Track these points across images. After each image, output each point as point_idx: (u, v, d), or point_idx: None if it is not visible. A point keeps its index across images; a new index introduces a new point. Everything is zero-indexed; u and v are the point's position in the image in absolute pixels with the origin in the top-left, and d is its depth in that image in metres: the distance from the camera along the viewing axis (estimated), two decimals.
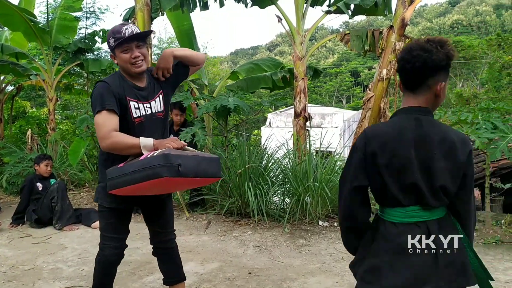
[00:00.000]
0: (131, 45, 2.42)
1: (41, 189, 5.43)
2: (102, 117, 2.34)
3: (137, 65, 2.45)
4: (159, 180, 2.11)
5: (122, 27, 2.41)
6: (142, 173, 2.14)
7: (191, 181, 2.30)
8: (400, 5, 5.78)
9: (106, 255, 2.62)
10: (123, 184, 2.22)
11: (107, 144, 2.31)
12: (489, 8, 79.56)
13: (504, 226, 4.78)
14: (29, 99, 14.71)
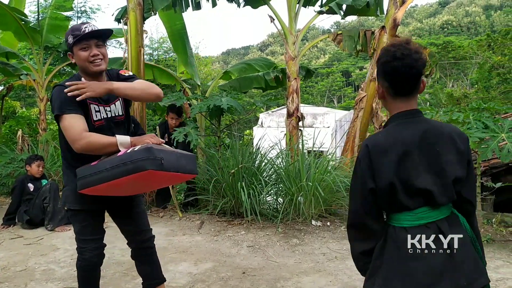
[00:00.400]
0: (90, 43, 2.35)
1: (32, 189, 5.38)
2: (68, 120, 2.28)
3: (95, 63, 2.37)
4: (140, 174, 2.07)
5: (82, 25, 2.36)
6: (122, 168, 2.09)
7: (170, 177, 2.27)
8: (392, 6, 5.83)
9: (86, 259, 2.57)
10: (97, 182, 2.17)
11: (82, 145, 2.23)
12: (479, 9, 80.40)
13: (495, 224, 4.83)
14: (18, 99, 14.58)
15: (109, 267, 3.91)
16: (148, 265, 2.80)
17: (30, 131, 11.02)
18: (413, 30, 74.50)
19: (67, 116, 2.28)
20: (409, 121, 1.64)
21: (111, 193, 2.38)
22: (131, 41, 6.21)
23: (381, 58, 1.65)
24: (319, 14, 6.86)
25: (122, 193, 2.46)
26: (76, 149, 2.26)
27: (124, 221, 2.73)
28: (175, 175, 2.26)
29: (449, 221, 1.61)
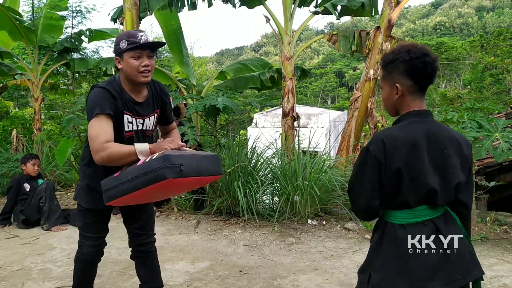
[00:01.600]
0: (143, 52, 2.32)
1: (28, 189, 5.36)
2: (98, 125, 2.24)
3: (144, 74, 2.33)
4: (162, 183, 2.05)
5: (138, 33, 2.32)
6: (141, 178, 2.07)
7: (193, 181, 2.24)
8: (386, 6, 5.86)
9: (84, 253, 2.64)
10: (122, 193, 2.16)
11: (102, 157, 2.20)
12: (471, 10, 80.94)
13: (489, 223, 4.88)
14: (12, 99, 14.50)
15: (106, 266, 3.91)
16: (144, 269, 2.79)
17: (24, 131, 10.96)
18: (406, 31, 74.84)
19: (102, 120, 2.25)
20: (422, 120, 1.67)
21: (136, 202, 2.39)
22: None
23: (402, 57, 1.66)
24: (314, 14, 6.89)
25: (148, 200, 2.47)
26: (96, 160, 2.23)
27: (131, 220, 2.74)
28: (198, 179, 2.22)
29: (444, 218, 1.65)
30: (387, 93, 1.77)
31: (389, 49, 1.77)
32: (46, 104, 13.19)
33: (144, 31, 2.37)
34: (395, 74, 1.70)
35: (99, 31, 8.92)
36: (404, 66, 1.66)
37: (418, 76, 1.67)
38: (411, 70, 1.66)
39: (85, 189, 2.53)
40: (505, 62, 16.38)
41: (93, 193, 2.49)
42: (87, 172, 2.53)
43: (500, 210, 5.28)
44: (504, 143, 4.41)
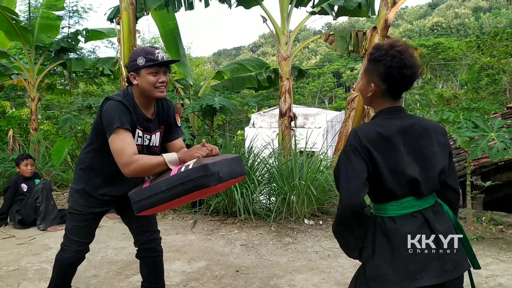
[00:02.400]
0: (160, 69, 2.38)
1: (25, 189, 5.35)
2: (121, 139, 2.26)
3: (160, 90, 2.39)
4: (202, 191, 2.10)
5: (155, 50, 2.39)
6: (180, 187, 2.09)
7: (225, 185, 2.26)
8: (383, 6, 5.88)
9: (66, 258, 2.65)
10: (157, 203, 2.17)
11: (132, 170, 2.22)
12: (468, 11, 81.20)
13: (484, 223, 4.89)
14: (8, 99, 14.46)
15: (102, 266, 3.91)
16: (149, 269, 2.81)
17: (21, 131, 10.93)
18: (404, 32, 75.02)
19: (123, 134, 2.27)
20: (395, 115, 1.72)
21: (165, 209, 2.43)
22: (123, 40, 6.22)
23: (385, 61, 1.67)
24: (311, 14, 6.90)
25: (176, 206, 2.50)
26: (126, 174, 2.24)
27: (131, 220, 2.74)
28: (230, 182, 2.27)
29: (433, 209, 1.69)
30: (363, 86, 1.81)
31: (381, 44, 1.72)
32: (43, 104, 13.16)
33: (159, 48, 2.46)
34: (374, 74, 1.72)
35: (96, 31, 8.92)
36: (384, 70, 1.68)
37: (393, 84, 1.70)
38: (388, 77, 1.68)
39: (81, 193, 2.55)
40: (501, 62, 16.44)
41: (89, 198, 2.53)
42: (84, 177, 2.55)
43: (495, 210, 5.30)
44: (500, 143, 4.43)
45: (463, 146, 4.66)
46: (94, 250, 4.36)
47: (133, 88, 2.45)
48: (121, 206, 2.71)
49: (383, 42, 1.74)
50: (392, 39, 1.78)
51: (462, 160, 6.83)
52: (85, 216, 2.58)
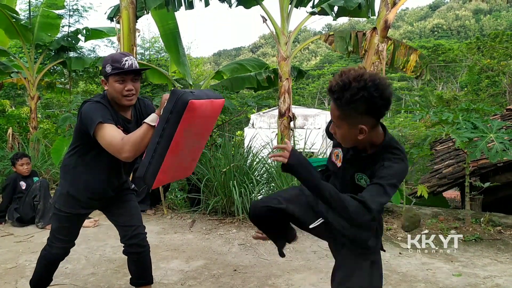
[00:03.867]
0: (127, 77, 2.38)
1: (24, 187, 5.34)
2: (108, 132, 2.25)
3: (128, 98, 2.40)
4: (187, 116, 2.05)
5: (123, 57, 2.37)
6: (168, 124, 2.08)
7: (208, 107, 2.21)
8: (383, 7, 5.88)
9: (52, 253, 2.75)
10: (161, 157, 2.14)
11: (127, 151, 2.20)
12: (469, 13, 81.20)
13: (483, 224, 4.90)
14: (8, 97, 14.46)
15: (100, 264, 3.91)
16: (136, 265, 2.82)
17: (20, 130, 10.94)
18: (404, 33, 75.06)
19: (108, 127, 2.26)
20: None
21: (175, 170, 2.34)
22: (123, 39, 6.22)
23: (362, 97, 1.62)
24: (311, 15, 6.90)
25: (183, 164, 2.40)
26: (125, 158, 2.23)
27: (114, 216, 2.78)
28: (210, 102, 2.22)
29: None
30: (345, 133, 1.77)
31: (344, 84, 1.64)
32: (43, 102, 13.18)
33: (130, 55, 2.42)
34: (356, 115, 1.68)
35: (96, 30, 8.93)
36: (366, 106, 1.65)
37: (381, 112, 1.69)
38: (373, 108, 1.66)
39: (66, 196, 2.58)
40: (501, 64, 16.44)
41: (74, 200, 2.57)
42: (69, 180, 2.58)
43: (494, 211, 5.30)
44: (499, 144, 4.43)
45: (462, 147, 4.66)
46: (93, 248, 4.36)
47: (107, 93, 2.47)
48: (105, 205, 2.75)
49: (339, 80, 1.67)
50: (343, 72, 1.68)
51: (461, 161, 6.83)
52: (70, 217, 2.63)
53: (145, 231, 2.83)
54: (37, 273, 2.85)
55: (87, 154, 2.50)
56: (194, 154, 2.50)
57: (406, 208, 5.11)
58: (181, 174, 2.52)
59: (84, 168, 2.53)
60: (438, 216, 5.24)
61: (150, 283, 2.88)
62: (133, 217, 2.76)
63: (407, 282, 3.49)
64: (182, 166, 2.41)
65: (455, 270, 3.73)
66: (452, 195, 11.75)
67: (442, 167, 7.34)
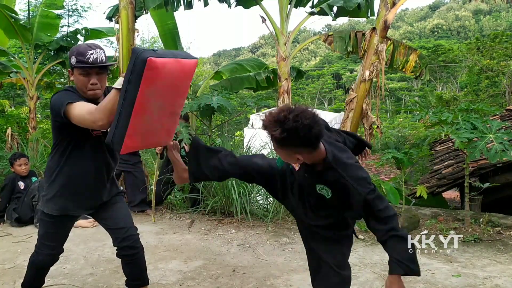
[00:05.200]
0: (91, 70, 2.36)
1: (22, 187, 5.34)
2: (77, 108, 2.22)
3: (92, 92, 2.39)
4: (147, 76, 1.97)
5: (88, 51, 2.34)
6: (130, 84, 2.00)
7: (174, 66, 2.10)
8: (382, 7, 5.87)
9: (40, 259, 2.74)
10: (127, 118, 2.05)
11: (100, 118, 2.14)
12: (468, 13, 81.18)
13: (482, 224, 4.89)
14: (8, 98, 14.44)
15: (99, 264, 3.91)
16: (130, 268, 2.78)
17: (19, 130, 10.92)
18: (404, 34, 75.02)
19: (76, 104, 2.24)
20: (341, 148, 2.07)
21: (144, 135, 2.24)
22: (122, 39, 6.21)
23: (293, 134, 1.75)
24: (310, 15, 6.89)
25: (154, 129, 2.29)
26: (100, 126, 2.18)
27: (105, 220, 2.75)
28: (177, 62, 2.11)
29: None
30: (285, 157, 1.97)
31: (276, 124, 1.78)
32: (42, 103, 13.14)
33: (97, 48, 2.38)
34: (292, 147, 1.84)
35: (95, 30, 8.92)
36: (300, 141, 1.79)
37: (313, 144, 1.84)
38: (307, 143, 1.81)
39: (54, 198, 2.54)
40: (500, 64, 16.43)
41: (64, 200, 2.54)
42: (56, 181, 2.54)
43: (494, 212, 5.29)
44: (498, 145, 4.42)
45: (461, 147, 4.65)
46: (91, 249, 4.36)
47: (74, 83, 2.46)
48: (92, 208, 2.71)
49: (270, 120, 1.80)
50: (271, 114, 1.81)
51: (460, 161, 6.82)
52: (56, 222, 2.61)
53: (137, 232, 2.79)
54: (28, 277, 2.86)
55: (68, 151, 2.47)
56: (168, 120, 2.36)
57: (405, 208, 5.11)
58: (153, 141, 2.39)
59: (69, 166, 2.50)
60: (438, 216, 5.23)
61: (146, 284, 2.85)
62: (123, 219, 2.72)
63: (406, 283, 3.45)
64: (153, 132, 2.29)
65: (454, 271, 3.72)
66: (452, 196, 11.73)
67: (441, 167, 7.33)
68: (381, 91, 6.07)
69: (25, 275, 2.86)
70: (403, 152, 5.09)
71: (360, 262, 3.92)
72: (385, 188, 4.98)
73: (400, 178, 5.25)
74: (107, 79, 2.53)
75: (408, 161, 5.04)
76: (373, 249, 4.32)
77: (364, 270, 3.75)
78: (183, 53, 2.24)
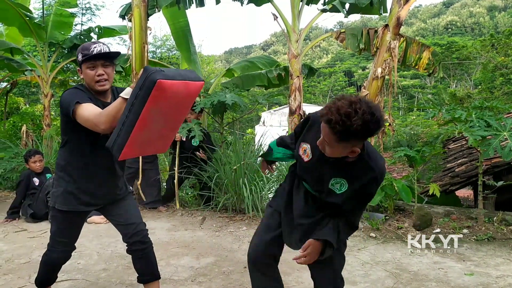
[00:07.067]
0: (97, 62, 2.45)
1: (37, 184, 5.43)
2: (84, 109, 2.30)
3: (100, 84, 2.47)
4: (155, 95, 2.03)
5: (92, 45, 2.46)
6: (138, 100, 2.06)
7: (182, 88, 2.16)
8: (395, 4, 5.82)
9: (53, 258, 2.77)
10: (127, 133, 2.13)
11: (103, 122, 2.21)
12: (483, 9, 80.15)
13: (496, 223, 4.84)
14: (22, 95, 14.64)
15: (112, 260, 3.95)
16: (141, 263, 2.83)
17: (34, 127, 11.08)
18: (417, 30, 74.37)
19: (84, 105, 2.32)
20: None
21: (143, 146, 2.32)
22: (135, 37, 6.25)
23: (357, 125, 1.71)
24: (322, 12, 6.87)
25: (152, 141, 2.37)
26: (102, 130, 2.25)
27: (114, 216, 2.78)
28: (184, 84, 2.17)
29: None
30: (337, 151, 1.89)
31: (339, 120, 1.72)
32: (56, 100, 13.31)
33: (100, 43, 2.50)
34: (353, 141, 1.81)
35: (108, 28, 8.99)
36: (363, 133, 1.76)
37: (372, 135, 1.81)
38: (369, 134, 1.78)
39: (64, 194, 2.58)
40: None
41: (73, 196, 2.58)
42: (65, 178, 2.59)
43: (508, 210, 5.23)
44: None
45: (475, 145, 4.60)
46: (105, 244, 4.41)
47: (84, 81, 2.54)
48: (103, 206, 2.75)
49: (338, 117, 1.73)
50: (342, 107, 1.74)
51: (474, 159, 6.76)
52: (68, 218, 2.65)
53: (146, 227, 2.84)
54: (41, 275, 2.89)
55: (76, 148, 2.53)
56: (167, 133, 2.44)
57: (417, 206, 5.07)
58: (150, 150, 2.48)
59: (77, 163, 2.55)
60: (451, 215, 5.19)
61: (157, 278, 2.89)
62: (132, 215, 2.77)
63: (418, 281, 3.46)
64: (151, 142, 2.37)
65: (467, 270, 3.69)
66: (465, 194, 11.63)
67: (454, 165, 7.27)
68: (394, 88, 6.03)
69: (38, 273, 2.91)
70: (415, 150, 5.06)
71: (371, 260, 3.91)
72: (397, 186, 4.94)
73: (413, 176, 5.21)
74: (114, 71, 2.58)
75: (421, 159, 5.01)
76: (385, 247, 4.31)
77: (375, 268, 3.74)
78: (192, 74, 2.28)
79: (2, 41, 8.29)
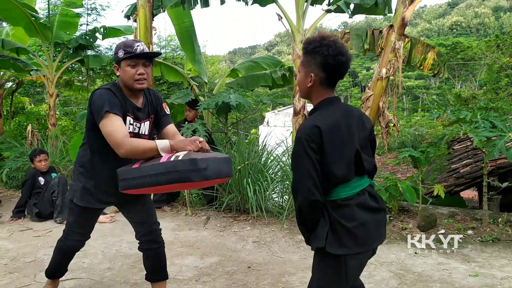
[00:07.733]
0: (139, 61, 2.45)
1: (42, 183, 5.45)
2: (112, 122, 2.33)
3: (139, 82, 2.47)
4: (183, 184, 2.17)
5: (135, 43, 2.46)
6: (166, 176, 2.14)
7: (209, 182, 2.30)
8: (400, 4, 5.81)
9: (68, 245, 2.86)
10: (141, 186, 2.23)
11: (126, 151, 2.29)
12: (488, 10, 79.84)
13: (501, 224, 4.82)
14: (27, 95, 14.72)
15: (117, 259, 3.97)
16: (152, 260, 2.87)
17: (39, 127, 11.13)
18: (422, 31, 74.17)
19: (113, 117, 2.34)
20: (336, 106, 1.92)
21: (147, 193, 2.49)
22: (140, 37, 6.27)
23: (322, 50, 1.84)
24: (327, 12, 6.86)
25: (159, 192, 2.58)
26: (120, 153, 2.31)
27: (131, 213, 2.83)
28: (214, 181, 2.32)
29: (371, 186, 1.96)
30: (301, 78, 1.97)
31: (313, 37, 1.91)
32: (61, 100, 13.39)
33: (141, 42, 2.52)
34: (312, 64, 1.89)
35: (113, 28, 9.03)
36: (321, 59, 1.86)
37: (330, 72, 1.87)
38: (325, 65, 1.85)
39: (82, 190, 2.64)
40: None
41: (88, 195, 2.63)
42: (84, 174, 2.64)
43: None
44: None
45: (480, 146, 4.59)
46: (109, 244, 4.43)
47: (119, 80, 2.54)
48: (122, 202, 2.80)
49: (313, 36, 1.91)
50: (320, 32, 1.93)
51: (479, 160, 6.73)
52: (85, 213, 2.71)
53: (160, 227, 2.89)
54: (53, 263, 2.96)
55: (96, 148, 2.56)
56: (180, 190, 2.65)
57: (422, 207, 5.06)
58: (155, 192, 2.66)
59: (96, 162, 2.59)
60: (455, 216, 5.18)
61: (165, 278, 2.93)
62: (148, 214, 2.82)
63: (422, 282, 3.46)
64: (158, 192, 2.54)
65: (471, 271, 3.68)
66: (470, 195, 11.58)
67: (459, 166, 7.25)
68: (398, 89, 6.01)
69: (50, 261, 2.97)
70: (420, 151, 5.05)
71: (375, 261, 3.91)
72: (401, 187, 4.93)
73: (417, 177, 5.19)
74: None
75: (425, 160, 5.00)
76: (389, 248, 4.30)
77: (379, 269, 3.74)
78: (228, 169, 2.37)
79: (8, 41, 8.32)
